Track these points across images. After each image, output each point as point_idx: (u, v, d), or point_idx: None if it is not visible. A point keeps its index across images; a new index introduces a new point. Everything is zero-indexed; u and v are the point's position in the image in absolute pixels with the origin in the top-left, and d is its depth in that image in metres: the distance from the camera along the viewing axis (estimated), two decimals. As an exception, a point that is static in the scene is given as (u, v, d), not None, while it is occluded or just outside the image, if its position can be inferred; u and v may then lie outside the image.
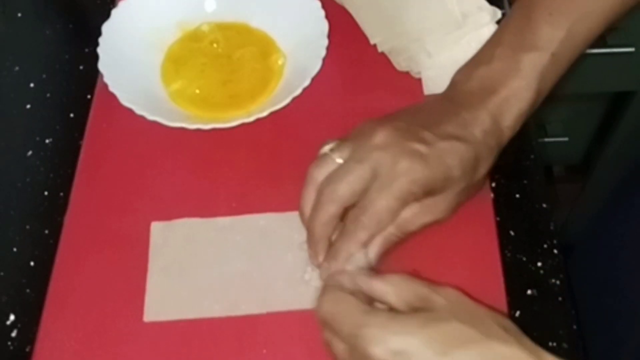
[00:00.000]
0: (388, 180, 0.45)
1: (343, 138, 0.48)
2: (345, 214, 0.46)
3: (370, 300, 0.41)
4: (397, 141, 0.46)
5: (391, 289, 0.41)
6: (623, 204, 0.75)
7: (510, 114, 0.49)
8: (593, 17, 0.50)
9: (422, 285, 0.41)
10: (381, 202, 0.45)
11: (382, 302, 0.41)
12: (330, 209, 0.45)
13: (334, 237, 0.47)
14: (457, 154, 0.46)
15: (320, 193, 0.46)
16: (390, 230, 0.47)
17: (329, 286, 0.43)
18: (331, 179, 0.46)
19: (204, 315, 0.48)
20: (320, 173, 0.47)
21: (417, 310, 0.39)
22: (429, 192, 0.46)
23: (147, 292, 0.49)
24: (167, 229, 0.51)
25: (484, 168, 0.48)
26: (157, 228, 0.51)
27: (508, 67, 0.49)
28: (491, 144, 0.48)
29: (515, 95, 0.48)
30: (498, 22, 0.58)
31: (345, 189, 0.45)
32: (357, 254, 0.46)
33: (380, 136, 0.46)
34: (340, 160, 0.46)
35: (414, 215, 0.47)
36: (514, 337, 0.38)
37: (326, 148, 0.48)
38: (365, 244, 0.46)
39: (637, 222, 0.69)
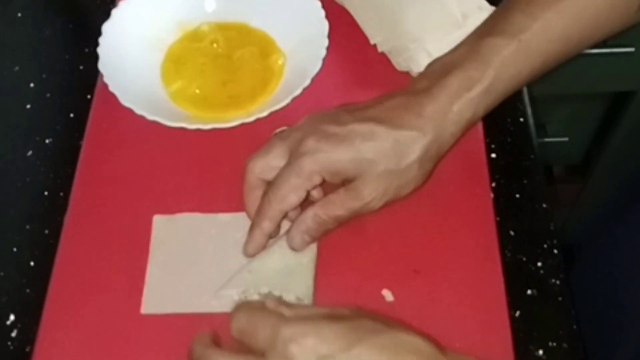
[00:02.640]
0: (294, 158, 0.46)
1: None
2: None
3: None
4: (314, 122, 0.47)
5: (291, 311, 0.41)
6: (623, 204, 0.75)
7: (460, 97, 0.46)
8: (573, 16, 0.48)
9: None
10: (285, 180, 0.46)
11: None
12: (249, 179, 0.48)
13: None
14: (372, 136, 0.45)
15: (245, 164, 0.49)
16: (317, 212, 0.47)
17: (241, 303, 0.43)
18: (255, 152, 0.49)
19: (202, 311, 0.48)
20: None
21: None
22: (341, 174, 0.46)
23: (145, 284, 0.49)
24: (169, 223, 0.51)
25: (413, 154, 0.46)
26: (159, 222, 0.52)
27: (469, 52, 0.47)
28: (425, 128, 0.46)
29: (469, 78, 0.46)
30: (498, 22, 0.58)
31: (261, 162, 0.48)
32: (281, 235, 0.48)
33: (305, 119, 0.48)
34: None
35: (340, 199, 0.47)
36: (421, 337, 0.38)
37: (275, 131, 0.51)
38: (276, 221, 0.47)
39: (637, 222, 0.69)
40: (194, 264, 0.50)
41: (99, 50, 0.56)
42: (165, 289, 0.49)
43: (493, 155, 0.55)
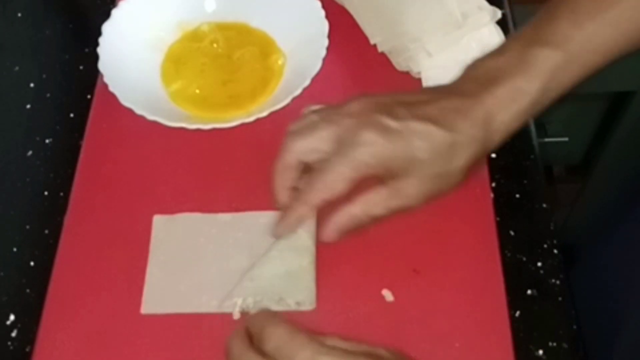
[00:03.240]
0: (348, 148, 0.45)
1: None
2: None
3: None
4: (369, 112, 0.45)
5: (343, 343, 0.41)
6: (623, 204, 0.75)
7: (508, 109, 0.46)
8: (620, 25, 0.47)
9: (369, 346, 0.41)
10: (335, 168, 0.45)
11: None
12: (286, 158, 0.47)
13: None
14: (429, 136, 0.44)
15: (284, 142, 0.47)
16: (355, 211, 0.46)
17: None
18: (297, 131, 0.47)
19: (202, 311, 0.48)
20: (294, 127, 0.48)
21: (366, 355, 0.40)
22: (390, 170, 0.45)
23: (145, 284, 0.49)
24: (169, 223, 0.51)
25: (462, 159, 0.46)
26: (159, 221, 0.52)
27: (517, 60, 0.46)
28: (477, 135, 0.45)
29: (518, 89, 0.46)
30: (498, 22, 0.58)
31: (304, 143, 0.46)
32: (309, 220, 0.47)
33: (356, 105, 0.46)
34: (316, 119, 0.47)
35: (381, 199, 0.46)
36: None
37: (310, 109, 0.49)
38: (315, 209, 0.46)
39: (638, 222, 0.69)
40: (194, 264, 0.50)
41: (99, 50, 0.56)
42: (165, 289, 0.49)
43: (493, 155, 0.55)
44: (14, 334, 0.48)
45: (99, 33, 0.57)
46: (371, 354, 0.40)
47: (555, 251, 0.50)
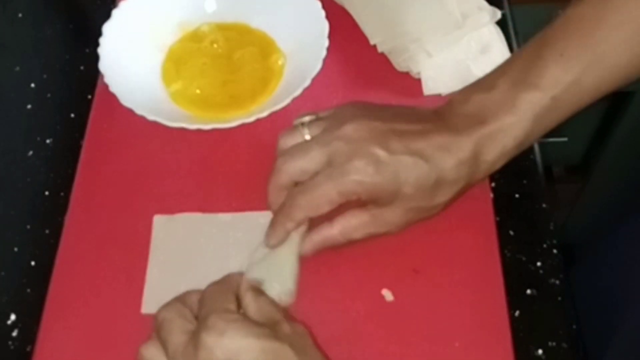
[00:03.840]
0: (338, 172, 0.46)
1: (321, 113, 0.50)
2: None
3: None
4: (363, 139, 0.46)
5: (254, 305, 0.43)
6: (623, 204, 0.75)
7: (493, 148, 0.47)
8: (607, 67, 0.47)
9: (279, 312, 0.43)
10: (322, 189, 0.46)
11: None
12: (280, 178, 0.48)
13: None
14: (415, 172, 0.46)
15: (277, 161, 0.48)
16: (334, 233, 0.48)
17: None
18: (290, 152, 0.48)
19: None
20: (286, 142, 0.49)
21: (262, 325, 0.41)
22: (375, 199, 0.47)
23: (146, 284, 0.49)
24: (170, 223, 0.51)
25: (444, 196, 0.47)
26: (159, 221, 0.52)
27: (504, 101, 0.47)
28: (461, 173, 0.47)
29: (504, 131, 0.47)
30: (498, 22, 0.58)
31: (296, 165, 0.47)
32: (293, 234, 0.48)
33: (350, 128, 0.47)
34: (307, 137, 0.48)
35: (361, 224, 0.48)
36: None
37: (300, 120, 0.50)
38: (300, 224, 0.47)
39: (637, 222, 0.69)
40: (194, 264, 0.50)
41: (100, 50, 0.56)
42: (166, 289, 0.48)
43: (493, 155, 0.55)
44: (14, 334, 0.48)
45: (99, 33, 0.57)
46: (269, 329, 0.40)
47: (555, 251, 0.50)
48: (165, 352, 0.41)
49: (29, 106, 0.60)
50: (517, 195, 0.53)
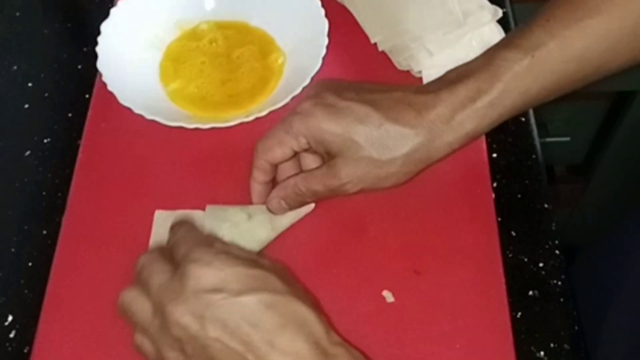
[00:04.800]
0: (289, 116, 0.48)
1: None
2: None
3: None
4: (320, 87, 0.48)
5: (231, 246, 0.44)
6: (625, 204, 0.75)
7: (464, 107, 0.46)
8: (593, 37, 0.46)
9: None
10: (273, 133, 0.48)
11: None
12: (256, 162, 0.50)
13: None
14: (364, 120, 0.46)
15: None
16: (297, 183, 0.48)
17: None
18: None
19: None
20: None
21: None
22: (325, 147, 0.47)
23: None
24: (170, 218, 0.51)
25: (399, 150, 0.46)
26: (160, 217, 0.51)
27: (482, 62, 0.47)
28: (421, 130, 0.46)
29: (477, 88, 0.46)
30: (499, 20, 0.58)
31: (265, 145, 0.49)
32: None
33: (312, 87, 0.50)
34: None
35: (319, 174, 0.48)
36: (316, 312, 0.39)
37: None
38: (265, 172, 0.49)
39: (639, 222, 0.68)
40: None
41: (98, 49, 0.56)
42: None
43: (494, 155, 0.55)
44: (12, 335, 0.48)
45: (97, 32, 0.57)
46: (249, 260, 0.41)
47: (557, 252, 0.50)
48: (147, 293, 0.40)
49: (26, 105, 0.59)
50: (518, 196, 0.53)
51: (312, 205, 0.51)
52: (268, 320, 0.37)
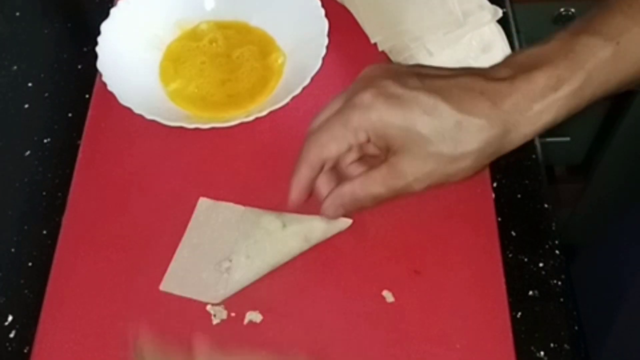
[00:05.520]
0: (346, 107, 0.43)
1: None
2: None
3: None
4: (377, 77, 0.43)
5: None
6: (625, 204, 0.75)
7: (544, 96, 0.41)
8: None
9: None
10: (328, 127, 0.44)
11: None
12: (309, 161, 0.45)
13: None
14: (433, 111, 0.41)
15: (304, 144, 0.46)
16: (354, 188, 0.44)
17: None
18: (313, 132, 0.45)
19: (217, 301, 0.47)
20: (314, 123, 0.47)
21: None
22: (388, 141, 0.43)
23: (172, 262, 0.49)
24: (213, 208, 0.51)
25: (470, 144, 0.42)
26: (203, 204, 0.51)
27: (561, 47, 0.42)
28: (495, 121, 0.41)
29: (559, 77, 0.41)
30: (499, 20, 0.58)
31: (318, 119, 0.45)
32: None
33: (368, 70, 0.45)
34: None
35: (380, 175, 0.44)
36: None
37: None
38: (315, 169, 0.45)
39: (639, 222, 0.68)
40: (221, 254, 0.49)
41: (98, 49, 0.56)
42: (188, 271, 0.48)
43: (494, 155, 0.55)
44: (12, 335, 0.48)
45: (97, 32, 0.57)
46: None
47: (557, 252, 0.50)
48: None
49: (26, 105, 0.59)
50: (518, 196, 0.53)
51: (350, 221, 0.49)
52: None
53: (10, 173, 0.56)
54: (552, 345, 0.46)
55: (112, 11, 0.58)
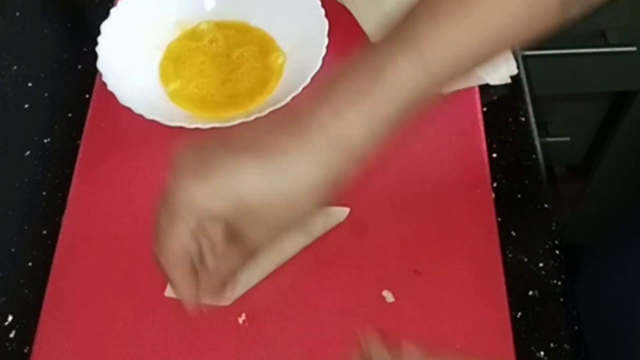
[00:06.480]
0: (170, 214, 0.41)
1: None
2: None
3: None
4: (187, 163, 0.42)
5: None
6: (625, 204, 0.75)
7: (346, 111, 0.38)
8: (483, 24, 0.40)
9: None
10: (166, 246, 0.41)
11: None
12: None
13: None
14: (242, 171, 0.38)
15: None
16: (220, 272, 0.42)
17: None
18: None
19: (220, 304, 0.47)
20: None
21: None
22: (219, 220, 0.40)
23: None
24: None
25: (300, 186, 0.38)
26: None
27: (361, 59, 0.40)
28: (312, 151, 0.38)
29: (359, 89, 0.38)
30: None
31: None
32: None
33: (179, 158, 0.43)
34: None
35: (233, 254, 0.41)
36: None
37: None
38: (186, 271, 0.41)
39: (639, 222, 0.68)
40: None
41: (98, 49, 0.56)
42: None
43: (494, 155, 0.55)
44: (12, 335, 0.48)
45: (97, 32, 0.57)
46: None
47: (557, 252, 0.50)
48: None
49: (26, 105, 0.59)
50: (518, 196, 0.53)
51: (347, 209, 0.49)
52: None
53: (11, 173, 0.56)
54: (552, 345, 0.46)
55: (112, 11, 0.58)
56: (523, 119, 0.57)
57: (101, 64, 0.55)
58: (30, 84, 0.61)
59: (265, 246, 0.41)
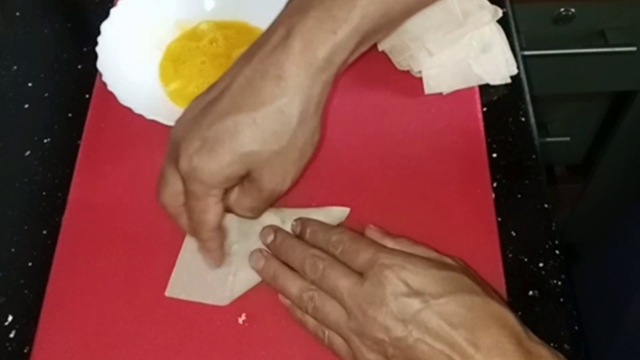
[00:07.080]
0: (186, 183, 0.44)
1: None
2: None
3: None
4: (183, 131, 0.44)
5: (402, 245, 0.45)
6: (625, 204, 0.75)
7: (323, 43, 0.41)
8: None
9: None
10: (190, 209, 0.45)
11: None
12: (168, 212, 0.47)
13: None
14: (237, 130, 0.41)
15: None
16: (235, 212, 0.47)
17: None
18: (158, 188, 0.47)
19: (223, 303, 0.47)
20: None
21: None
22: (230, 179, 0.43)
23: (175, 268, 0.49)
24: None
25: (290, 124, 0.41)
26: None
27: None
28: (291, 91, 0.41)
29: (333, 18, 0.40)
30: (499, 20, 0.58)
31: (166, 195, 0.46)
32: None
33: (175, 124, 0.46)
34: None
35: (247, 193, 0.45)
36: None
37: None
38: (214, 236, 0.46)
39: (639, 222, 0.68)
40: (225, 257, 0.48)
41: (98, 49, 0.56)
42: (192, 275, 0.48)
43: (494, 155, 0.55)
44: (12, 335, 0.48)
45: (97, 32, 0.57)
46: (435, 261, 0.42)
47: (557, 251, 0.50)
48: (336, 296, 0.42)
49: (26, 105, 0.59)
50: (518, 196, 0.53)
51: (347, 209, 0.50)
52: (469, 321, 0.39)
53: (10, 173, 0.56)
54: (552, 345, 0.46)
55: (112, 11, 0.58)
56: (523, 119, 0.57)
57: (101, 64, 0.55)
58: (30, 84, 0.61)
59: (284, 193, 0.45)
